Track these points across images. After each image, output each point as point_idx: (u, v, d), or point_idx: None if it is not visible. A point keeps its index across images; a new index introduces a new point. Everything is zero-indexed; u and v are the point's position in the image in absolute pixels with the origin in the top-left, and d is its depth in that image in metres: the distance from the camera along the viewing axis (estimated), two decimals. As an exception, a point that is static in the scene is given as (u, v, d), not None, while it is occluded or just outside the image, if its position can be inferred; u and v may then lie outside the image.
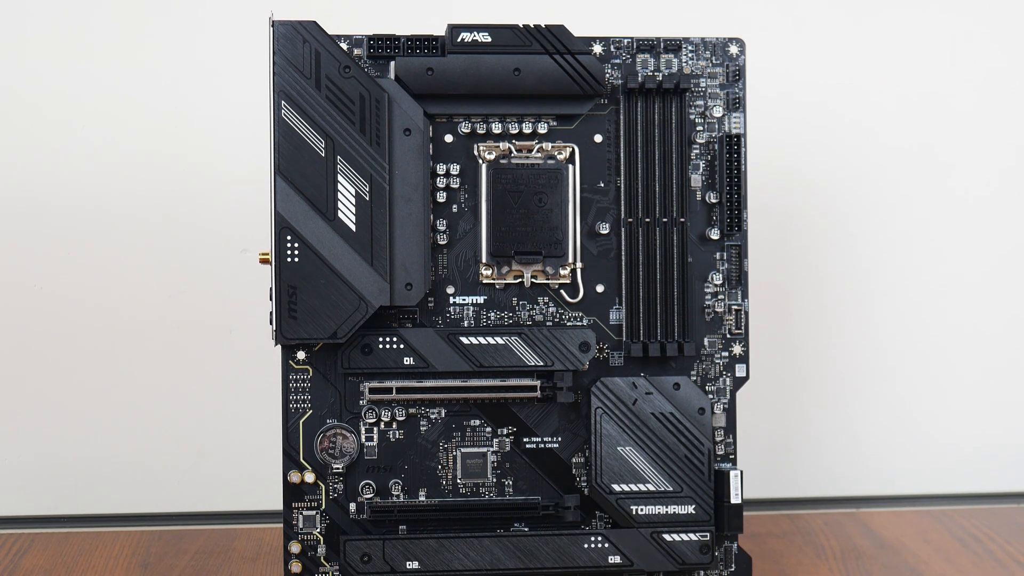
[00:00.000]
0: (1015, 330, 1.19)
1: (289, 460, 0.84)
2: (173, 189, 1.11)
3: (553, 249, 0.85)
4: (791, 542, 1.03)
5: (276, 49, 0.81)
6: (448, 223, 0.85)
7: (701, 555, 0.84)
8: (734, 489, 0.85)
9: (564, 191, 0.85)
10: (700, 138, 0.86)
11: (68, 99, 1.10)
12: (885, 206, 1.17)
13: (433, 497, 0.85)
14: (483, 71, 0.84)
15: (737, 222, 0.86)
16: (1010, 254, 1.19)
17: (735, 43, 0.87)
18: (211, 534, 1.06)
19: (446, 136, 0.85)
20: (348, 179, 0.81)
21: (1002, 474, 1.20)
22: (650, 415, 0.84)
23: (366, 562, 0.83)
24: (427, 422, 0.85)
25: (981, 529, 1.07)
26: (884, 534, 1.05)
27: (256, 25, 1.03)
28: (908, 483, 1.19)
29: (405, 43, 0.84)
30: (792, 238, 1.16)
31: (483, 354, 0.83)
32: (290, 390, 0.84)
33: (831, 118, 1.16)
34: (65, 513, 1.11)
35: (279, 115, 0.81)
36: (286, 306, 0.81)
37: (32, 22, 1.10)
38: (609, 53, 0.86)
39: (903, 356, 1.18)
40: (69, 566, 0.97)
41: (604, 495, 0.84)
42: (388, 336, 0.83)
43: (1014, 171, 1.19)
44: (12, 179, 1.10)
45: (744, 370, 0.87)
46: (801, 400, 1.18)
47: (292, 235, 0.81)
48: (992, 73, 1.18)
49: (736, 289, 0.87)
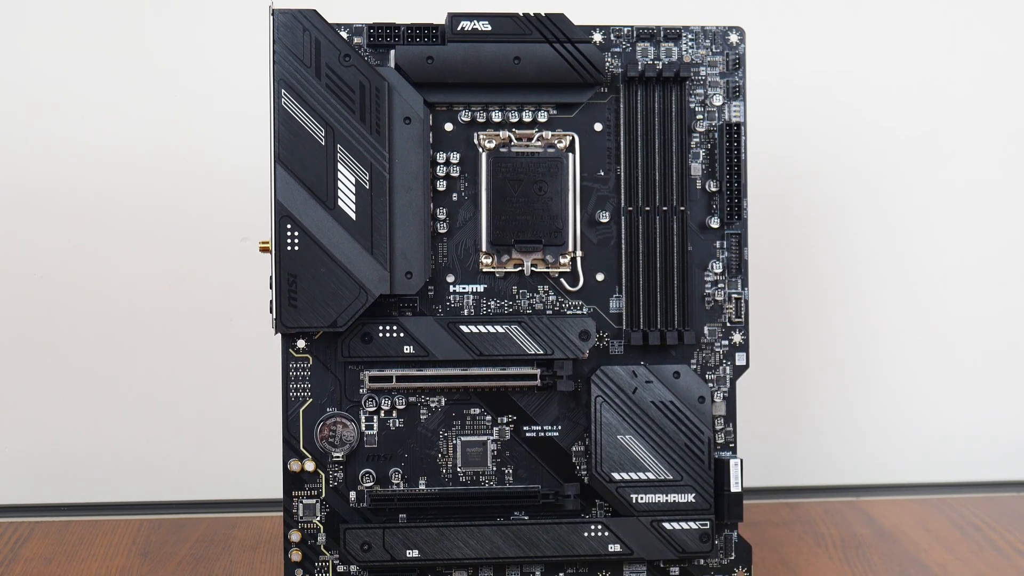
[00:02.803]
0: (1015, 318, 1.19)
1: (289, 448, 0.84)
2: (173, 178, 1.11)
3: (553, 238, 0.85)
4: (791, 530, 1.04)
5: (276, 37, 0.81)
6: (448, 212, 0.84)
7: (701, 543, 0.84)
8: (734, 477, 0.85)
9: (564, 180, 0.85)
10: (700, 126, 0.86)
11: (68, 88, 1.10)
12: (885, 194, 1.17)
13: (433, 485, 0.85)
14: (483, 60, 0.83)
15: (737, 210, 0.86)
16: (1010, 242, 1.19)
17: (735, 31, 0.87)
18: (211, 522, 1.06)
19: (446, 125, 0.85)
20: (348, 167, 0.81)
21: (1002, 462, 1.20)
22: (650, 403, 0.84)
23: (366, 550, 0.83)
24: (427, 410, 0.85)
25: (981, 517, 1.07)
26: (884, 522, 1.05)
27: (256, 13, 1.03)
28: (908, 471, 1.19)
29: (405, 31, 0.84)
30: (792, 226, 1.16)
31: (483, 342, 0.83)
32: (290, 379, 0.84)
33: (831, 106, 1.16)
34: (65, 501, 1.11)
35: (279, 104, 0.81)
36: (286, 294, 0.81)
37: (32, 11, 1.10)
38: (609, 42, 0.86)
39: (903, 344, 1.18)
40: (69, 554, 0.98)
41: (604, 483, 0.84)
42: (388, 325, 0.83)
43: (1014, 159, 1.19)
44: (12, 168, 1.10)
45: (744, 358, 0.87)
46: (801, 389, 1.18)
47: (292, 223, 0.81)
48: (992, 61, 1.18)
49: (736, 277, 0.86)
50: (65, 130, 1.10)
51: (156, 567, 0.95)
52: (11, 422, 1.11)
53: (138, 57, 1.10)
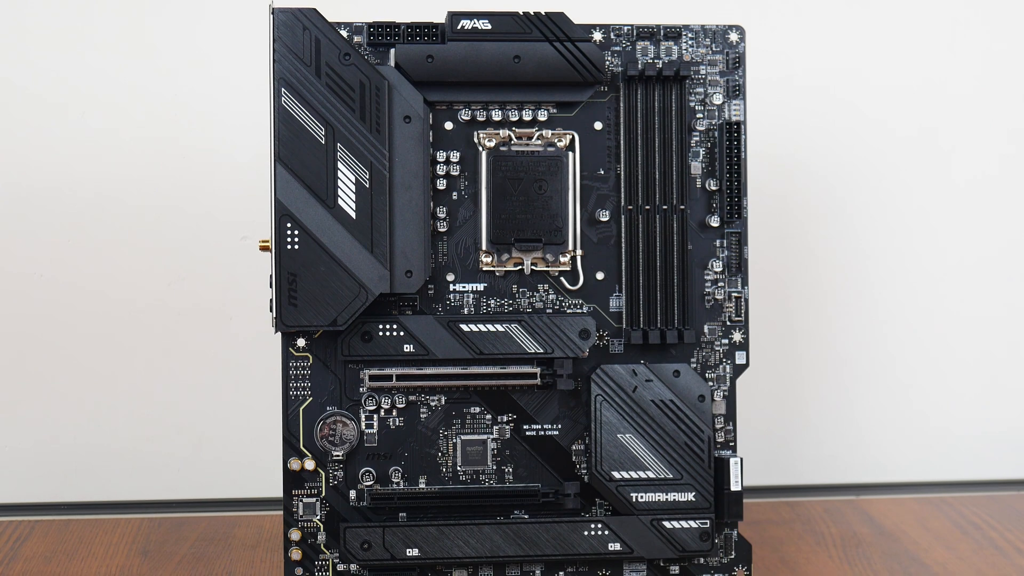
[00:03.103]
0: (1015, 316, 1.19)
1: (289, 447, 0.84)
2: (173, 176, 1.11)
3: (553, 236, 0.85)
4: (791, 529, 1.04)
5: (276, 36, 0.81)
6: (448, 210, 0.84)
7: (701, 542, 0.84)
8: (734, 476, 0.85)
9: (564, 178, 0.85)
10: (700, 125, 0.86)
11: (68, 87, 1.10)
12: (885, 192, 1.17)
13: (433, 484, 0.85)
14: (483, 58, 0.83)
15: (737, 209, 0.86)
16: (1010, 240, 1.19)
17: (735, 30, 0.87)
18: (211, 521, 1.06)
19: (446, 123, 0.85)
20: (348, 166, 0.81)
21: (1002, 461, 1.20)
22: (650, 402, 0.84)
23: (366, 549, 0.83)
24: (427, 409, 0.85)
25: (981, 516, 1.07)
26: (884, 521, 1.05)
27: (256, 12, 1.03)
28: (908, 470, 1.19)
29: (405, 30, 0.84)
30: (792, 225, 1.16)
31: (483, 341, 0.83)
32: (290, 377, 0.84)
33: (831, 105, 1.16)
34: (65, 500, 1.11)
35: (279, 102, 0.81)
36: (286, 293, 0.81)
37: (32, 10, 1.10)
38: (609, 40, 0.86)
39: (903, 343, 1.18)
40: (69, 553, 0.98)
41: (604, 482, 0.84)
42: (388, 323, 0.83)
43: (1014, 157, 1.18)
44: (11, 167, 1.10)
45: (744, 357, 0.87)
46: (801, 387, 1.18)
47: (292, 222, 0.81)
48: (992, 59, 1.18)
49: (736, 276, 0.86)
50: (65, 129, 1.10)
51: (156, 566, 0.95)
52: (11, 421, 1.11)
53: (139, 56, 1.10)
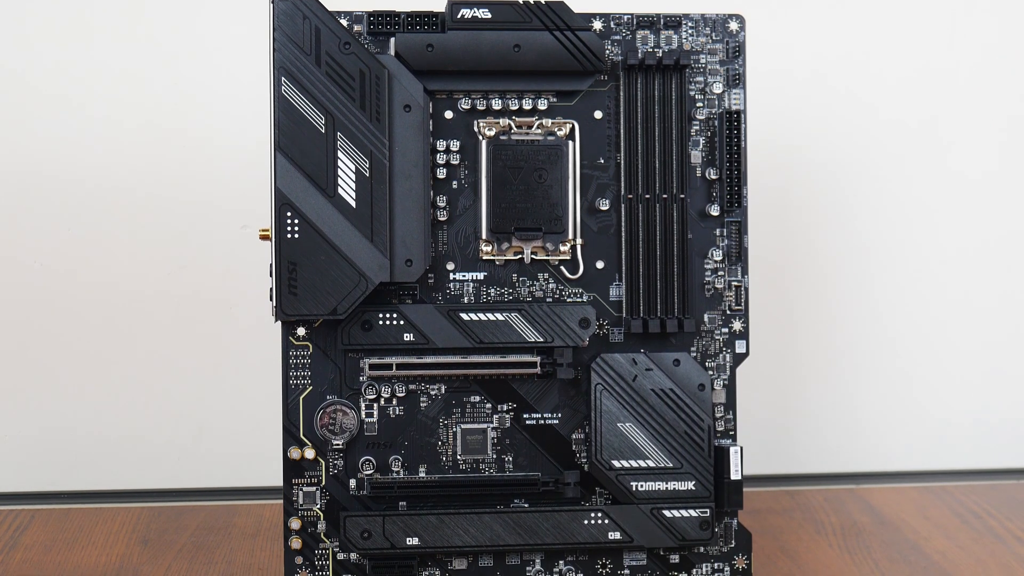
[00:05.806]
0: (1015, 306, 1.19)
1: (289, 436, 0.84)
2: (173, 165, 1.11)
3: (553, 225, 0.85)
4: (791, 518, 1.04)
5: (276, 25, 0.81)
6: (448, 199, 0.84)
7: (701, 531, 0.85)
8: (734, 465, 0.85)
9: (564, 167, 0.85)
10: (700, 114, 0.86)
11: (68, 76, 1.10)
12: (885, 182, 1.17)
13: (433, 473, 0.85)
14: (483, 47, 0.83)
15: (737, 198, 0.86)
16: (1010, 230, 1.19)
17: (735, 19, 0.86)
18: (211, 510, 1.06)
19: (446, 112, 0.85)
20: (348, 155, 0.81)
21: (1002, 450, 1.20)
22: (650, 391, 0.84)
23: (366, 538, 0.83)
24: (427, 398, 0.85)
25: (981, 505, 1.07)
26: (884, 510, 1.06)
27: (256, 1, 1.03)
28: (908, 459, 1.19)
29: (405, 19, 0.84)
30: (792, 214, 1.16)
31: (483, 330, 0.83)
32: (290, 366, 0.84)
33: (831, 94, 1.16)
34: (65, 489, 1.12)
35: (279, 91, 0.81)
36: (286, 282, 0.81)
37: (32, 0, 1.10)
38: (609, 29, 0.86)
39: (903, 332, 1.18)
40: (69, 542, 0.98)
41: (604, 471, 0.84)
42: (388, 312, 0.83)
43: (1013, 146, 1.18)
44: (12, 155, 1.10)
45: (744, 346, 0.87)
46: (801, 376, 1.18)
47: (292, 211, 0.81)
48: (992, 49, 1.18)
49: (736, 265, 0.86)
50: (65, 118, 1.10)
51: (156, 554, 0.95)
52: (11, 409, 1.11)
53: (139, 45, 1.10)
